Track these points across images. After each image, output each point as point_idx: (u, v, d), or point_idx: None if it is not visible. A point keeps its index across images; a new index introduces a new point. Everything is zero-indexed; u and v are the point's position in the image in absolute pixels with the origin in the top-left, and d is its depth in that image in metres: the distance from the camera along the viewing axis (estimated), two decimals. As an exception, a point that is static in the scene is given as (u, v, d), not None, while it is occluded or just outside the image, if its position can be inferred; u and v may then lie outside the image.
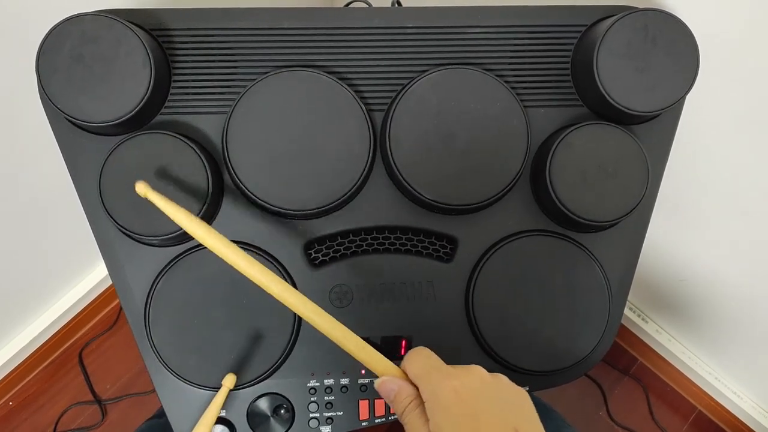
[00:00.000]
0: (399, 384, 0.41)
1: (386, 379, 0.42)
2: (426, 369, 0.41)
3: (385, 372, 0.42)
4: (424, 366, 0.41)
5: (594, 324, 0.57)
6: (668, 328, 1.13)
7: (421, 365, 0.41)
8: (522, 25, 0.57)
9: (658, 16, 0.53)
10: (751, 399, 1.09)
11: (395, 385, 0.41)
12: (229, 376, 0.52)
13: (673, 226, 0.90)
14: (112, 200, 0.52)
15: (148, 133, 0.52)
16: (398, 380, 0.41)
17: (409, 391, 0.40)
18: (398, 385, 0.41)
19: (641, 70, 0.53)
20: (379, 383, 0.42)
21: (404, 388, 0.40)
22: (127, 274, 0.55)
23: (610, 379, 1.23)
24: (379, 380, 0.42)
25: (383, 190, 0.57)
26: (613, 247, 0.59)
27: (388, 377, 0.42)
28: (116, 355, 1.20)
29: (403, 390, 0.40)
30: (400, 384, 0.41)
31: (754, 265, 0.84)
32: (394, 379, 0.41)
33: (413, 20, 0.57)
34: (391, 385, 0.41)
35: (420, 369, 0.41)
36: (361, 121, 0.54)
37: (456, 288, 0.57)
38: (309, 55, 0.56)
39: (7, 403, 1.16)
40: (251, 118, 0.54)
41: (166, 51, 0.55)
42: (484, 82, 0.55)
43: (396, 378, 0.41)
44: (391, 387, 0.41)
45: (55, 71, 0.50)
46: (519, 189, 0.58)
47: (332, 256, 0.58)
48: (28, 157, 0.84)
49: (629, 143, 0.55)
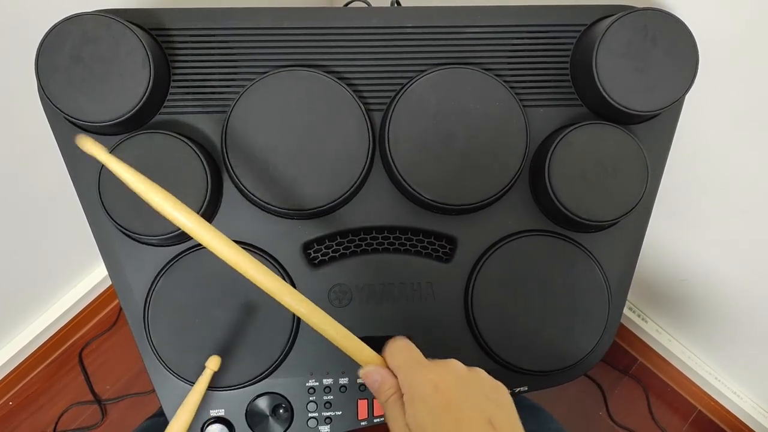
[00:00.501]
0: (382, 374, 0.43)
1: (371, 369, 0.43)
2: (406, 361, 0.42)
3: (368, 361, 0.44)
4: (404, 358, 0.43)
5: (593, 324, 0.57)
6: (668, 328, 1.13)
7: (401, 357, 0.43)
8: (521, 24, 0.57)
9: (658, 15, 0.53)
10: (751, 399, 1.09)
11: (378, 375, 0.43)
12: (213, 358, 0.51)
13: (673, 226, 0.90)
14: (111, 200, 0.52)
15: (147, 132, 0.52)
16: (382, 370, 0.43)
17: (392, 381, 0.42)
18: (381, 375, 0.43)
19: (640, 70, 0.53)
20: (364, 373, 0.43)
21: (387, 378, 0.42)
22: (126, 274, 0.55)
23: (610, 379, 1.23)
24: (363, 369, 0.44)
25: (382, 190, 0.57)
26: (613, 246, 0.59)
27: (373, 367, 0.43)
28: (116, 355, 1.20)
29: (386, 381, 0.42)
30: (383, 374, 0.42)
31: (754, 265, 0.84)
32: (378, 369, 0.43)
33: (412, 20, 0.57)
34: (375, 375, 0.43)
35: (400, 361, 0.43)
36: (361, 120, 0.54)
37: (455, 288, 0.57)
38: (308, 54, 0.56)
39: (7, 403, 1.16)
40: (250, 118, 0.54)
41: (166, 51, 0.55)
42: (483, 82, 0.55)
43: (380, 368, 0.43)
44: (375, 377, 0.43)
45: (55, 71, 0.50)
46: (518, 189, 0.58)
47: (331, 256, 0.58)
48: (28, 157, 0.84)
49: (628, 143, 0.55)
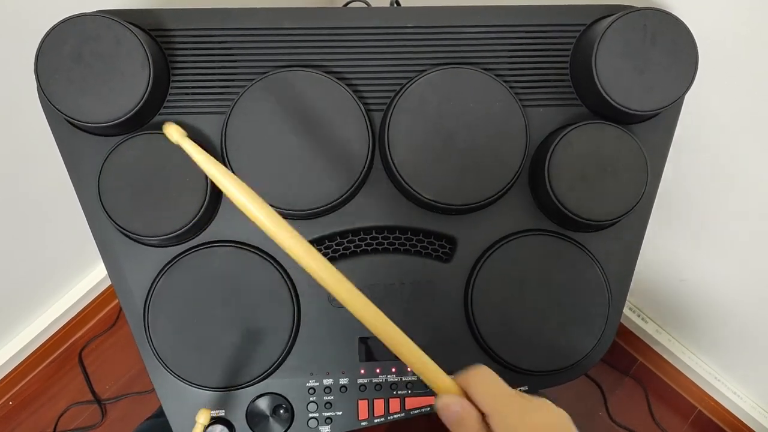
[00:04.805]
0: (464, 407, 0.37)
1: (450, 401, 0.38)
2: (496, 396, 0.37)
3: (446, 390, 0.38)
4: (493, 392, 0.38)
5: (593, 324, 0.57)
6: (668, 328, 1.13)
7: (489, 391, 0.38)
8: (521, 24, 0.57)
9: (657, 15, 0.53)
10: (751, 399, 1.09)
11: (459, 407, 0.37)
12: (203, 411, 0.49)
13: (673, 225, 0.90)
14: (111, 200, 0.52)
15: (147, 133, 0.52)
16: (464, 402, 0.38)
17: (478, 417, 0.37)
18: (463, 408, 0.37)
19: (640, 70, 0.53)
20: (444, 404, 0.38)
21: (471, 412, 0.37)
22: (126, 274, 0.55)
23: (610, 379, 1.23)
24: (442, 399, 0.38)
25: (382, 190, 0.57)
26: (613, 246, 0.59)
27: (452, 397, 0.38)
28: (116, 355, 1.20)
29: (471, 415, 0.37)
30: (465, 407, 0.37)
31: (754, 265, 0.84)
32: (458, 400, 0.38)
33: (412, 20, 0.57)
34: (455, 407, 0.37)
35: (489, 396, 0.37)
36: (360, 121, 0.54)
37: (455, 288, 0.57)
38: (308, 54, 0.56)
39: (7, 402, 1.16)
40: (250, 118, 0.54)
41: (165, 51, 0.55)
42: (482, 82, 0.55)
43: (460, 399, 0.38)
44: (455, 410, 0.37)
45: (55, 71, 0.50)
46: (518, 189, 0.58)
47: (331, 256, 0.58)
48: (28, 157, 0.84)
49: (628, 142, 0.55)
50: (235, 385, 0.54)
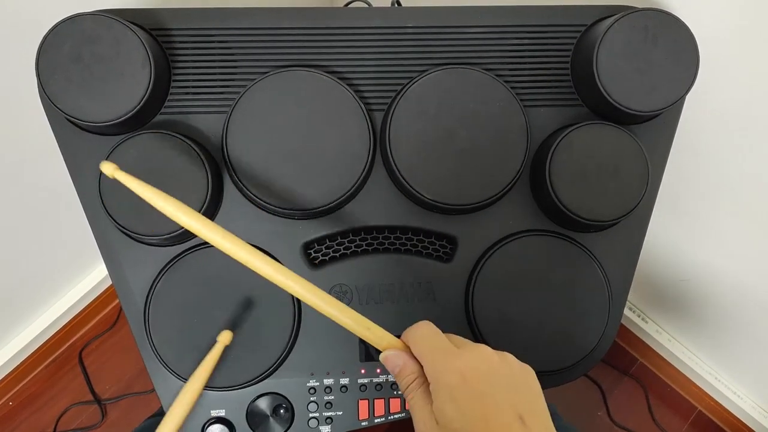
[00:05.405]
0: (404, 359, 0.40)
1: (392, 354, 0.41)
2: (431, 347, 0.40)
3: (389, 345, 0.42)
4: (428, 344, 0.40)
5: (594, 324, 0.57)
6: (668, 328, 1.13)
7: (425, 343, 0.40)
8: (522, 24, 0.57)
9: (658, 15, 0.53)
10: (751, 399, 1.09)
11: (400, 359, 0.40)
12: (225, 332, 0.51)
13: (674, 226, 0.90)
14: (111, 200, 0.52)
15: (147, 132, 0.52)
16: (403, 355, 0.41)
17: (414, 368, 0.40)
18: (403, 360, 0.40)
19: (641, 70, 0.53)
20: (385, 357, 0.41)
21: (408, 364, 0.40)
22: (127, 274, 0.55)
23: (610, 379, 1.23)
24: (384, 353, 0.41)
25: (383, 190, 0.57)
26: (613, 246, 0.59)
27: (394, 351, 0.41)
28: (116, 355, 1.20)
29: (408, 366, 0.40)
30: (405, 359, 0.40)
31: (754, 264, 0.84)
32: (399, 353, 0.41)
33: (413, 20, 0.57)
34: (396, 359, 0.41)
35: (424, 347, 0.40)
36: (361, 120, 0.54)
37: (456, 288, 0.57)
38: (309, 54, 0.56)
39: (7, 403, 1.16)
40: (251, 118, 0.54)
41: (166, 51, 0.55)
42: (483, 82, 0.55)
43: (401, 353, 0.41)
44: (396, 362, 0.41)
45: (55, 71, 0.50)
46: (519, 189, 0.58)
47: (332, 256, 0.58)
48: (28, 157, 0.84)
49: (629, 143, 0.55)
50: (235, 385, 0.54)
